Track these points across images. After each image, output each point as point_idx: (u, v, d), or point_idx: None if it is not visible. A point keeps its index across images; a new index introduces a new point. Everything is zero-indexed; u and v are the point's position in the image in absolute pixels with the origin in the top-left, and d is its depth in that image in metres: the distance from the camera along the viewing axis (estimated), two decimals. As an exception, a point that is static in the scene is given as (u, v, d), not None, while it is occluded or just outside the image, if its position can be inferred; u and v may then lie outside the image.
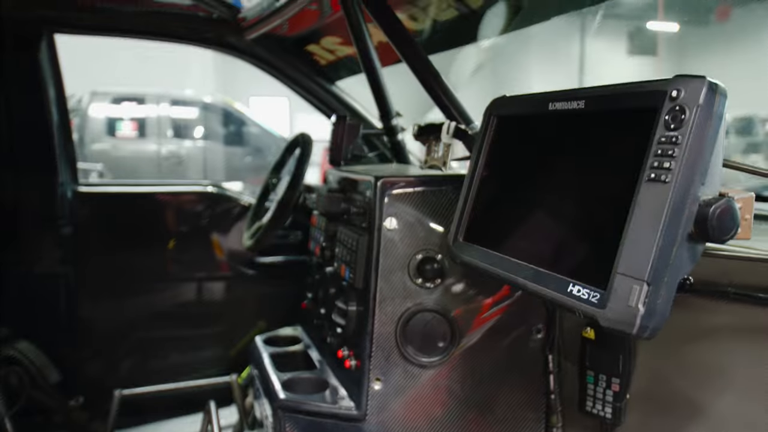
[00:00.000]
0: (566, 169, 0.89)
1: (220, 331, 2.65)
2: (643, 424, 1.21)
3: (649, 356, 1.19)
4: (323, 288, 1.58)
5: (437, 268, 1.28)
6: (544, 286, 0.83)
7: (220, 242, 2.57)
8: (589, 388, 1.25)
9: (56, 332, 2.32)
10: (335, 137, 1.68)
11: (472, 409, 1.34)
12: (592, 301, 0.74)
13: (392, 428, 1.31)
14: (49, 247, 2.30)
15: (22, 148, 2.27)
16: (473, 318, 1.32)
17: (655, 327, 0.69)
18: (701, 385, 1.12)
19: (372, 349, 1.29)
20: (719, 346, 1.10)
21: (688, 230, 0.69)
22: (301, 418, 1.31)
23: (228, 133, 7.45)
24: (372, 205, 1.32)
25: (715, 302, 1.09)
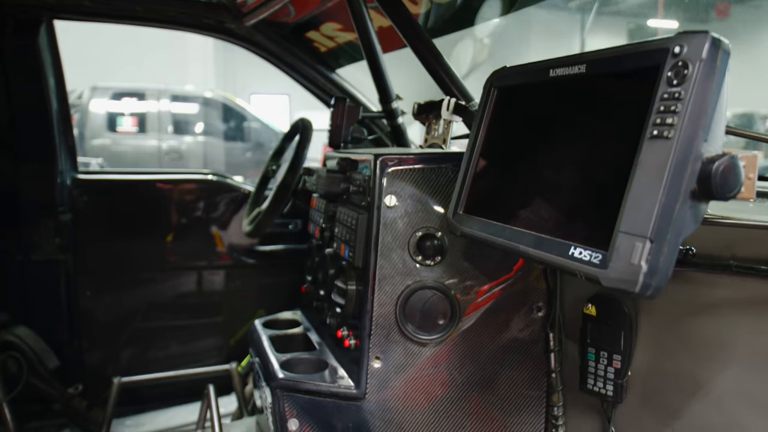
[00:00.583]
0: (568, 135, 0.89)
1: (219, 320, 2.65)
2: (644, 400, 1.20)
3: (650, 332, 1.18)
4: (323, 269, 1.57)
5: (437, 245, 1.27)
6: (545, 251, 0.82)
7: (220, 231, 2.57)
8: (590, 365, 1.24)
9: (55, 319, 2.32)
10: (335, 119, 1.67)
11: (473, 387, 1.33)
12: (594, 263, 0.73)
13: (392, 407, 1.30)
14: (48, 234, 2.29)
15: (22, 135, 2.26)
16: (473, 296, 1.31)
17: (657, 285, 0.68)
18: (703, 359, 1.11)
19: (371, 327, 1.28)
20: (721, 319, 1.09)
21: (691, 187, 0.68)
22: (300, 397, 1.30)
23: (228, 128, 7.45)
24: (372, 183, 1.31)
25: (717, 276, 1.08)
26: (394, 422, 1.30)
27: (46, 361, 2.06)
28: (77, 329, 2.38)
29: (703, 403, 1.12)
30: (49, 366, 2.07)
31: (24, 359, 1.96)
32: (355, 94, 2.45)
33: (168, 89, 7.20)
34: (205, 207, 2.55)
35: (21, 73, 2.21)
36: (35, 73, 2.21)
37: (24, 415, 2.05)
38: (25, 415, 2.10)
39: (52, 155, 2.28)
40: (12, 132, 2.24)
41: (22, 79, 2.22)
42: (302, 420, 1.30)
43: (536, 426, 1.36)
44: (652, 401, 1.19)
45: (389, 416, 1.30)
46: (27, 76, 2.22)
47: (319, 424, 1.30)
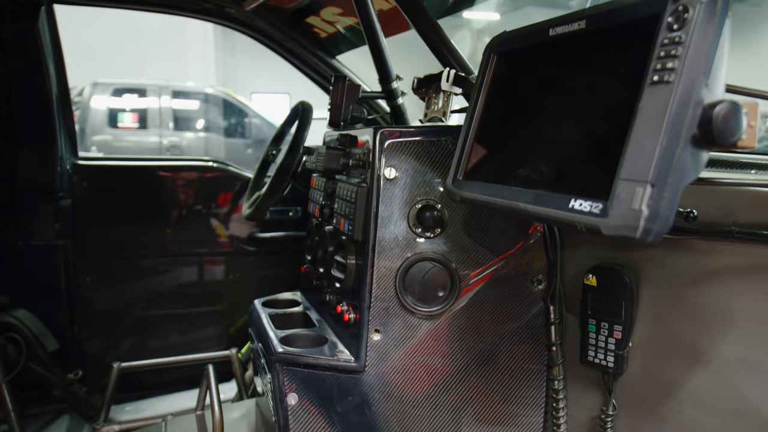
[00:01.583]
0: (568, 93, 0.88)
1: (219, 308, 2.65)
2: (645, 372, 1.20)
3: (651, 302, 1.17)
4: (322, 247, 1.56)
5: (437, 216, 1.26)
6: (544, 206, 0.82)
7: (220, 217, 2.57)
8: (591, 336, 1.24)
9: (55, 304, 2.31)
10: (334, 98, 1.66)
11: (473, 360, 1.32)
12: (594, 212, 0.73)
13: (392, 380, 1.29)
14: (48, 220, 2.29)
15: (22, 120, 2.26)
16: (473, 268, 1.30)
17: (658, 231, 0.68)
18: (704, 328, 1.10)
19: (371, 300, 1.28)
20: (722, 287, 1.08)
21: (692, 132, 0.68)
22: (299, 371, 1.29)
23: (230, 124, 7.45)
24: (371, 156, 1.30)
25: (719, 243, 1.08)
26: (394, 395, 1.30)
27: (46, 344, 2.05)
28: (77, 315, 2.38)
29: (705, 371, 1.11)
30: (48, 348, 2.06)
31: (23, 341, 1.96)
32: (355, 80, 2.44)
33: (169, 85, 7.20)
34: (205, 194, 2.55)
35: (21, 57, 2.21)
36: (35, 57, 2.20)
37: (24, 401, 2.04)
38: (25, 401, 2.09)
39: (52, 140, 2.27)
40: (12, 117, 2.24)
41: (22, 64, 2.21)
42: (301, 394, 1.29)
43: (537, 399, 1.36)
44: (653, 372, 1.18)
45: (389, 389, 1.29)
46: (27, 61, 2.21)
47: (319, 398, 1.29)
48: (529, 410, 1.36)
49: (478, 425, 1.34)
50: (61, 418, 2.24)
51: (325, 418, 1.30)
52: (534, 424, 1.37)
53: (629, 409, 1.23)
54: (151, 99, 7.10)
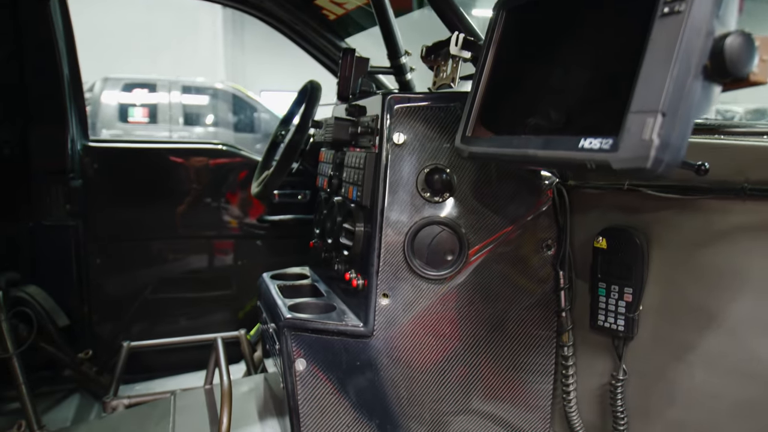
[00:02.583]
0: (578, 38, 0.87)
1: (228, 291, 2.65)
2: (656, 336, 1.18)
3: (662, 264, 1.16)
4: (331, 218, 1.56)
5: (446, 180, 1.26)
6: (554, 149, 0.81)
7: (229, 200, 2.57)
8: (601, 300, 1.23)
9: (66, 284, 2.33)
10: (343, 71, 1.66)
11: (482, 326, 1.31)
12: (604, 148, 0.72)
13: (400, 345, 1.29)
14: (59, 200, 2.31)
15: (33, 101, 2.28)
16: (482, 233, 1.30)
17: (669, 162, 0.67)
18: (716, 289, 1.09)
19: (379, 264, 1.28)
20: (734, 247, 1.07)
21: (703, 62, 0.67)
22: (307, 337, 1.29)
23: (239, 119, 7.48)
24: (380, 121, 1.30)
25: (730, 202, 1.07)
26: (402, 360, 1.29)
27: (56, 319, 2.07)
28: (87, 295, 2.39)
29: (717, 333, 1.10)
30: (58, 324, 2.08)
31: (34, 315, 1.97)
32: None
33: (179, 80, 7.24)
34: (215, 177, 2.55)
35: (32, 39, 2.22)
36: (47, 39, 2.22)
37: (35, 381, 2.06)
38: (36, 380, 2.10)
39: (64, 121, 2.29)
40: (24, 98, 2.26)
41: (34, 46, 2.23)
42: (309, 360, 1.29)
43: (546, 366, 1.35)
44: (664, 336, 1.17)
45: (397, 354, 1.29)
46: (38, 43, 2.23)
47: (327, 363, 1.29)
48: (538, 377, 1.35)
49: (486, 391, 1.34)
50: (71, 396, 2.26)
51: (333, 384, 1.30)
52: (543, 391, 1.36)
53: (639, 374, 1.22)
54: (161, 94, 7.15)
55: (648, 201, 1.16)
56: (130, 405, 1.88)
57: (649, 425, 1.21)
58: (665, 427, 1.19)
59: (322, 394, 1.30)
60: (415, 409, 1.31)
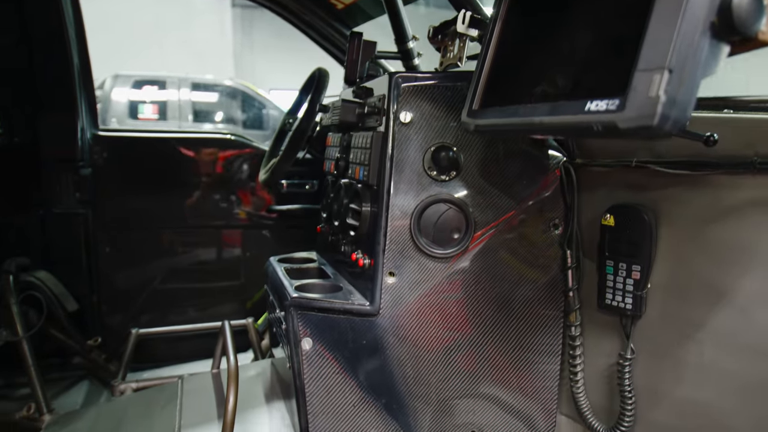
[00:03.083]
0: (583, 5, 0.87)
1: (236, 281, 2.66)
2: (664, 313, 1.17)
3: (670, 241, 1.15)
4: (338, 201, 1.56)
5: (452, 158, 1.25)
6: (561, 114, 0.81)
7: (237, 190, 2.58)
8: (609, 278, 1.22)
9: (75, 271, 2.34)
10: (350, 54, 1.67)
11: (488, 304, 1.31)
12: (611, 109, 0.72)
13: (406, 323, 1.29)
14: (69, 188, 2.32)
15: (43, 90, 2.30)
16: (489, 212, 1.29)
17: (676, 119, 0.66)
18: (726, 264, 1.08)
19: (386, 242, 1.27)
20: (744, 221, 1.06)
21: (710, 19, 0.66)
22: (313, 316, 1.29)
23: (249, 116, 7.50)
24: (386, 101, 1.30)
25: (740, 177, 1.06)
26: (408, 339, 1.29)
27: (66, 304, 2.08)
28: (96, 283, 2.41)
29: (726, 310, 1.09)
30: (68, 308, 2.09)
31: (44, 299, 1.99)
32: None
33: (188, 77, 7.28)
34: (223, 166, 2.56)
35: (43, 27, 2.24)
36: (57, 28, 2.23)
37: (45, 367, 2.07)
38: (45, 367, 2.12)
39: (73, 109, 2.31)
40: (33, 86, 2.28)
41: (44, 34, 2.25)
42: (315, 339, 1.29)
43: (553, 346, 1.34)
44: (672, 314, 1.16)
45: (403, 333, 1.29)
46: (48, 31, 2.25)
47: (333, 342, 1.29)
48: (545, 357, 1.34)
49: (493, 372, 1.33)
50: (80, 383, 2.27)
51: (340, 363, 1.30)
52: (550, 372, 1.35)
53: (648, 353, 1.21)
54: (170, 91, 7.19)
55: (656, 178, 1.15)
56: (138, 389, 1.89)
57: (657, 405, 1.20)
58: (674, 406, 1.18)
59: (328, 373, 1.30)
60: (421, 388, 1.31)
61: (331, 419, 1.30)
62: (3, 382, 2.20)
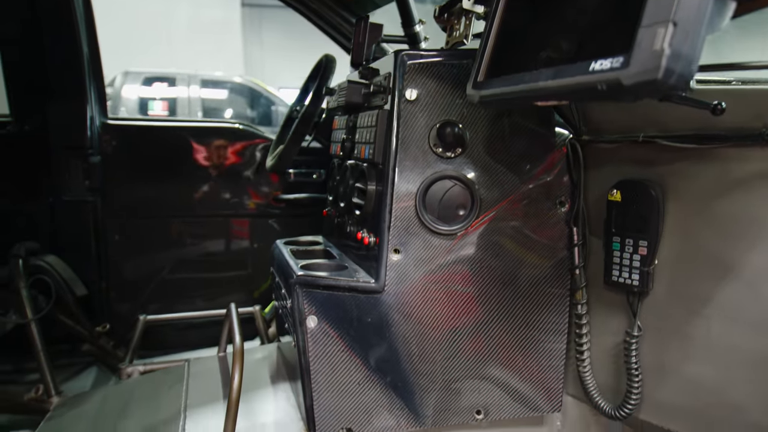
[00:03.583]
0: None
1: (243, 269, 2.67)
2: (671, 290, 1.16)
3: (678, 216, 1.14)
4: (344, 182, 1.56)
5: (458, 134, 1.25)
6: (565, 76, 0.80)
7: (245, 179, 2.59)
8: (615, 255, 1.21)
9: (84, 259, 2.36)
10: (357, 37, 1.66)
11: (494, 283, 1.30)
12: (615, 67, 0.71)
13: (411, 300, 1.28)
14: (78, 176, 2.34)
15: (53, 78, 2.32)
16: (494, 189, 1.29)
17: (681, 72, 0.65)
18: (734, 238, 1.07)
19: (391, 219, 1.27)
20: (753, 194, 1.05)
21: (716, -28, 0.66)
22: (318, 293, 1.29)
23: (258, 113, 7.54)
24: (392, 78, 1.30)
25: (748, 149, 1.05)
26: (414, 316, 1.29)
27: (74, 288, 2.10)
28: (105, 271, 2.42)
29: (734, 284, 1.08)
30: (76, 293, 2.11)
31: (53, 284, 2.00)
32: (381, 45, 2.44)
33: (198, 74, 7.33)
34: (231, 156, 2.57)
35: (52, 17, 2.26)
36: (66, 16, 2.25)
37: (54, 353, 2.09)
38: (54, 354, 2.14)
39: (83, 97, 2.33)
40: (44, 74, 2.30)
41: (54, 24, 2.27)
42: (320, 316, 1.29)
43: (559, 325, 1.33)
44: (679, 290, 1.15)
45: (408, 310, 1.28)
46: (58, 21, 2.27)
47: (338, 320, 1.29)
48: (551, 336, 1.33)
49: (498, 350, 1.33)
50: (89, 368, 2.29)
51: (345, 341, 1.30)
52: (556, 351, 1.34)
53: (654, 330, 1.20)
54: (180, 88, 7.24)
55: (663, 153, 1.14)
56: (145, 372, 1.90)
57: (664, 383, 1.19)
58: (681, 383, 1.17)
59: (333, 351, 1.30)
60: (426, 366, 1.31)
61: (335, 397, 1.30)
62: (12, 367, 2.22)
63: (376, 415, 1.32)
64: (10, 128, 2.34)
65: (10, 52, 2.28)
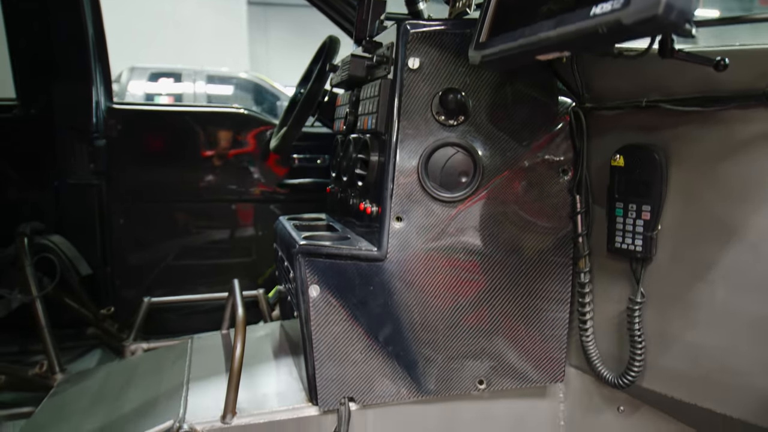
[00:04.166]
0: None
1: (246, 255, 2.67)
2: (675, 256, 1.16)
3: (681, 181, 1.14)
4: (346, 158, 1.56)
5: (460, 101, 1.25)
6: (567, 24, 0.80)
7: (249, 164, 2.59)
8: (618, 221, 1.21)
9: (89, 242, 2.37)
10: (360, 14, 1.67)
11: (496, 251, 1.30)
12: (616, 8, 0.71)
13: (414, 268, 1.28)
14: (83, 159, 2.36)
15: (59, 61, 2.33)
16: (497, 156, 1.28)
17: (682, 8, 0.65)
18: (738, 201, 1.06)
19: (393, 187, 1.27)
20: (757, 155, 1.04)
21: None
22: (321, 262, 1.29)
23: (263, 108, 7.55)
24: (395, 48, 1.30)
25: (752, 110, 1.04)
26: (416, 284, 1.29)
27: (79, 267, 2.11)
28: (110, 254, 2.43)
29: (738, 248, 1.07)
30: (81, 272, 2.12)
31: (57, 262, 2.01)
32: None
33: (203, 70, 7.36)
34: (235, 140, 2.58)
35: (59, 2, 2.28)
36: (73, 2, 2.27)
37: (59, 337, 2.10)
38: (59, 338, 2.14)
39: (88, 82, 2.34)
40: (50, 57, 2.31)
41: (60, 6, 2.28)
42: (323, 285, 1.29)
43: (562, 294, 1.33)
44: (683, 254, 1.15)
45: (410, 278, 1.28)
46: (64, 3, 2.28)
47: (340, 289, 1.29)
48: (554, 305, 1.33)
49: (500, 320, 1.32)
50: (93, 351, 2.30)
51: (347, 310, 1.30)
52: (559, 320, 1.34)
53: (658, 297, 1.19)
54: (186, 83, 7.27)
55: (667, 118, 1.14)
56: (148, 349, 1.90)
57: (667, 350, 1.19)
58: (684, 350, 1.16)
59: (335, 320, 1.30)
60: (428, 335, 1.30)
61: (338, 366, 1.30)
62: (18, 349, 2.23)
63: (378, 385, 1.31)
64: (16, 112, 2.36)
65: (16, 35, 2.30)
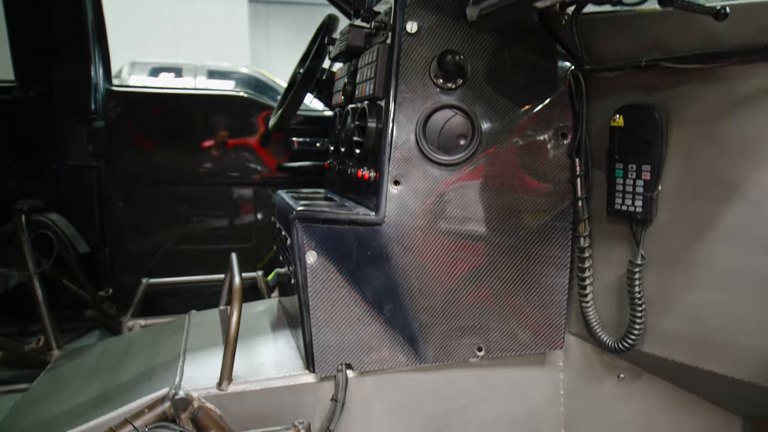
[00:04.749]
0: None
1: (246, 239, 2.66)
2: (675, 217, 1.15)
3: (682, 141, 1.13)
4: (345, 129, 1.56)
5: (458, 62, 1.24)
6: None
7: (249, 147, 2.58)
8: (618, 182, 1.20)
9: (87, 224, 2.36)
10: (359, -15, 1.66)
11: (495, 215, 1.29)
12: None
13: (411, 232, 1.27)
14: (83, 141, 2.35)
15: (59, 44, 2.33)
16: (496, 120, 1.27)
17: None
18: (739, 158, 1.05)
19: (391, 151, 1.26)
20: (758, 111, 1.03)
21: None
22: (318, 228, 1.28)
23: (263, 102, 7.56)
24: (393, 13, 1.29)
25: (753, 66, 1.03)
26: (413, 248, 1.27)
27: (77, 245, 2.10)
28: (108, 236, 2.43)
29: (739, 205, 1.06)
30: (79, 249, 2.11)
31: (55, 239, 2.00)
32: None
33: (204, 65, 7.36)
34: (235, 124, 2.57)
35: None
36: None
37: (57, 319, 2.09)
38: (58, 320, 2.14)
39: (87, 64, 2.33)
40: (49, 41, 2.31)
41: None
42: (320, 251, 1.28)
43: (562, 259, 1.32)
44: (684, 215, 1.13)
45: (408, 242, 1.27)
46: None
47: (338, 254, 1.28)
48: (553, 270, 1.32)
49: (499, 285, 1.31)
50: (91, 332, 2.29)
51: (344, 275, 1.28)
52: (558, 286, 1.32)
53: (658, 258, 1.18)
54: (187, 78, 7.27)
55: (667, 77, 1.12)
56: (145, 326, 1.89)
57: (667, 312, 1.17)
58: (684, 311, 1.15)
59: (333, 286, 1.29)
60: (426, 300, 1.29)
61: (335, 332, 1.29)
62: (17, 330, 2.22)
63: (375, 351, 1.30)
64: (16, 93, 2.35)
65: (15, 17, 2.29)
